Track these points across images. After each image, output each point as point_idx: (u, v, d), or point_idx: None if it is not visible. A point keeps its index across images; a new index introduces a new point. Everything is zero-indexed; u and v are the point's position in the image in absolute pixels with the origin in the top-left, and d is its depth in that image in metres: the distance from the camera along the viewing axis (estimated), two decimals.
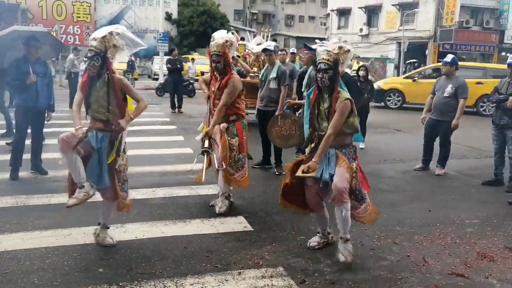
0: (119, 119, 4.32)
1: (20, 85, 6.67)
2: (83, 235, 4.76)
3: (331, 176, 4.16)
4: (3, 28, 8.55)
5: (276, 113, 7.17)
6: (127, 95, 4.42)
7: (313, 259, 4.40)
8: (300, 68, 10.87)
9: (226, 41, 5.41)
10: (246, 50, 12.43)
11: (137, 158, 7.57)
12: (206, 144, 5.35)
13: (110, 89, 4.26)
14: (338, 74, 4.18)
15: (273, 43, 8.39)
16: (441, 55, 28.79)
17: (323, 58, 4.17)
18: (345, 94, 4.22)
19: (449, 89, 7.67)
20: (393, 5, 37.83)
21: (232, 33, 5.54)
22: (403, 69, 37.07)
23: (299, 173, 4.24)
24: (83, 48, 21.84)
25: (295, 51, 13.10)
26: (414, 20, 36.46)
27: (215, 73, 5.57)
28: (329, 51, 4.17)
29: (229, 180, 5.60)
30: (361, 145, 10.10)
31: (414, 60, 32.69)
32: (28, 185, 6.54)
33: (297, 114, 6.85)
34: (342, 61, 4.16)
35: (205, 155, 5.32)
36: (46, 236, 4.74)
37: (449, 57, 7.87)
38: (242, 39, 14.85)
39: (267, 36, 13.69)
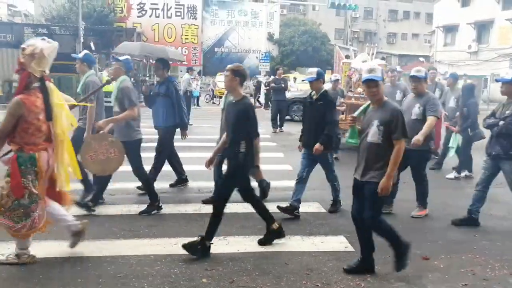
0: None
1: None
2: None
3: None
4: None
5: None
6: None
7: (418, 284, 4.21)
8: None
9: (24, 49, 4.16)
10: (351, 69, 11.88)
11: None
12: None
13: None
14: None
15: (383, 62, 7.87)
16: None
17: None
18: None
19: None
20: (507, 19, 35.71)
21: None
22: None
23: None
24: (196, 68, 23.00)
25: (399, 69, 12.61)
26: None
27: None
28: None
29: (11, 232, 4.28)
30: (464, 173, 8.82)
31: None
32: (139, 196, 6.80)
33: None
34: None
35: None
36: (155, 244, 5.00)
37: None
38: (347, 57, 14.50)
39: (372, 54, 13.05)
